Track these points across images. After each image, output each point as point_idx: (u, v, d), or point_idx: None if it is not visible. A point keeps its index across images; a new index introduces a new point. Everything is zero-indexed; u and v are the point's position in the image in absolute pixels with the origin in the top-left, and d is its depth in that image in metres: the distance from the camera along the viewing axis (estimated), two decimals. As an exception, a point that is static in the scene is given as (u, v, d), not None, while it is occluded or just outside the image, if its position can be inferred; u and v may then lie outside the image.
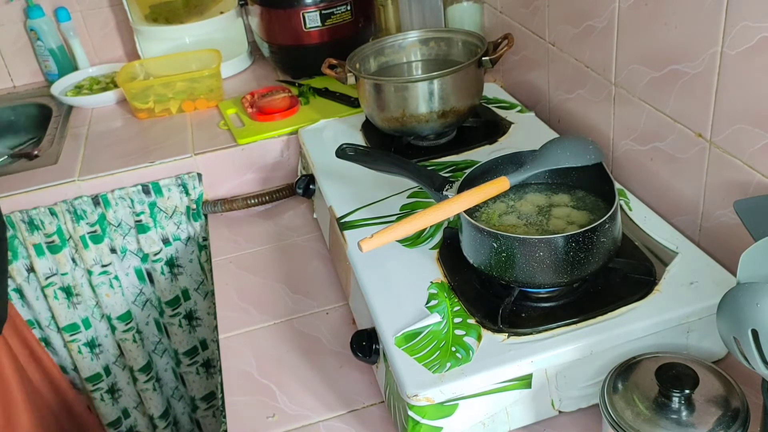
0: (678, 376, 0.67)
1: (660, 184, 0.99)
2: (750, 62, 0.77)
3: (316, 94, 1.52)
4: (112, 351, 1.51)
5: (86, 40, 1.86)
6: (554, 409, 0.80)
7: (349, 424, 0.86)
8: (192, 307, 1.51)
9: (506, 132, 1.23)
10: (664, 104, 0.94)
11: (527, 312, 0.82)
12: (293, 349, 0.99)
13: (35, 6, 1.78)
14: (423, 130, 1.21)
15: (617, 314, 0.79)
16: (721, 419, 0.65)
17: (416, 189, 1.07)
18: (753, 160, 0.80)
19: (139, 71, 1.65)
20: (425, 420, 0.75)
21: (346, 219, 1.04)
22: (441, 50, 1.32)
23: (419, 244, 0.96)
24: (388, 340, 0.80)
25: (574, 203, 0.90)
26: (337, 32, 1.55)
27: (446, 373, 0.75)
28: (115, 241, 1.40)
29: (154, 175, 1.36)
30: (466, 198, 0.84)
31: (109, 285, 1.42)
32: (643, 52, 0.95)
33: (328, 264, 1.16)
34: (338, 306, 1.07)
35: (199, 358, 1.57)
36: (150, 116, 1.55)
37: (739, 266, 0.61)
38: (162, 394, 1.60)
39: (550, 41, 1.22)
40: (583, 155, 0.89)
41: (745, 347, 0.59)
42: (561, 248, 0.78)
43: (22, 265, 1.37)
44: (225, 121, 1.47)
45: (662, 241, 0.90)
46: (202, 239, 1.43)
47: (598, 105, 1.10)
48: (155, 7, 1.83)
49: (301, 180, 1.27)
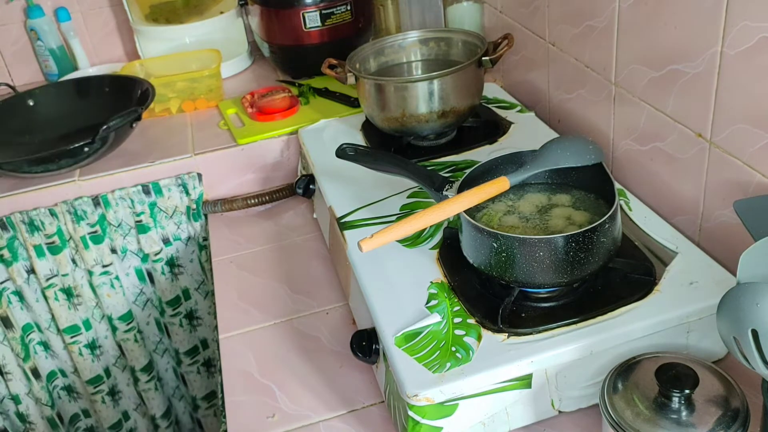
0: (678, 376, 0.67)
1: (660, 184, 0.99)
2: (750, 62, 0.77)
3: (316, 94, 1.52)
4: (113, 352, 1.51)
5: (86, 40, 1.86)
6: (554, 409, 0.81)
7: (349, 424, 0.86)
8: (192, 307, 1.51)
9: (506, 132, 1.23)
10: (664, 104, 0.94)
11: (527, 312, 0.82)
12: (293, 349, 0.99)
13: (35, 6, 1.78)
14: (423, 130, 1.21)
15: (617, 314, 0.79)
16: (721, 419, 0.65)
17: (416, 189, 1.07)
18: (753, 160, 0.80)
19: (139, 71, 1.65)
20: (425, 420, 0.75)
21: (346, 219, 1.04)
22: (441, 50, 1.32)
23: (419, 244, 0.96)
24: (388, 340, 0.80)
25: (574, 203, 0.90)
26: (337, 32, 1.55)
27: (446, 373, 0.75)
28: (115, 242, 1.40)
29: (154, 175, 1.36)
30: (466, 198, 0.84)
31: (110, 285, 1.42)
32: (643, 52, 0.95)
33: (328, 264, 1.16)
34: (338, 306, 1.07)
35: (200, 358, 1.57)
36: (150, 116, 1.55)
37: (739, 266, 0.61)
38: (163, 394, 1.60)
39: (550, 41, 1.22)
40: (583, 155, 0.89)
41: (745, 347, 0.59)
42: (561, 248, 0.78)
43: (22, 267, 1.37)
44: (225, 121, 1.47)
45: (662, 241, 0.90)
46: (202, 239, 1.43)
47: (598, 105, 1.10)
48: (155, 7, 1.83)
49: (301, 180, 1.27)
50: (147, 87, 1.44)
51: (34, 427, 1.49)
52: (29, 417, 1.48)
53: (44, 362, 1.48)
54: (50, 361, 1.49)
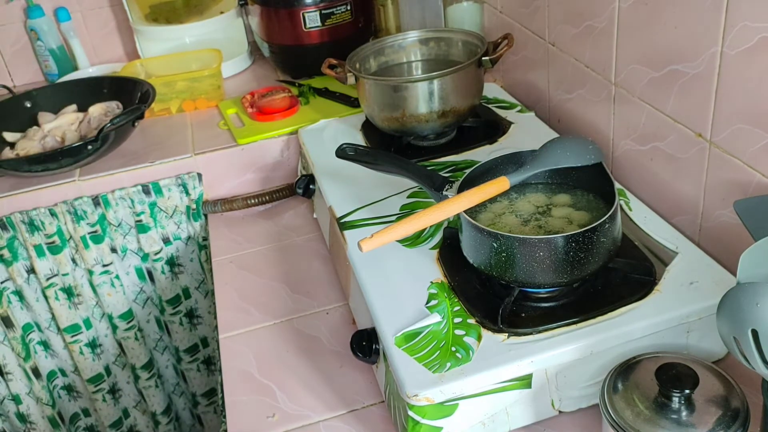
0: (678, 376, 0.67)
1: (660, 184, 0.99)
2: (750, 62, 0.77)
3: (316, 94, 1.52)
4: (113, 350, 1.51)
5: (86, 40, 1.86)
6: (554, 409, 0.81)
7: (349, 423, 0.86)
8: (193, 306, 1.52)
9: (506, 132, 1.23)
10: (664, 104, 0.94)
11: (527, 312, 0.82)
12: (293, 349, 0.99)
13: (35, 6, 1.78)
14: (423, 130, 1.21)
15: (617, 314, 0.79)
16: (721, 419, 0.65)
17: (416, 189, 1.07)
18: (753, 160, 0.80)
19: (139, 71, 1.65)
20: (425, 420, 0.75)
21: (346, 219, 1.04)
22: (441, 50, 1.32)
23: (419, 244, 0.96)
24: (388, 340, 0.80)
25: (574, 203, 0.91)
26: (337, 32, 1.55)
27: (446, 373, 0.75)
28: (115, 241, 1.40)
29: (154, 175, 1.36)
30: (466, 198, 0.84)
31: (110, 284, 1.42)
32: (643, 52, 0.95)
33: (328, 264, 1.16)
34: (338, 306, 1.07)
35: (200, 356, 1.57)
36: (150, 116, 1.55)
37: (739, 266, 0.61)
38: (163, 391, 1.60)
39: (550, 41, 1.22)
40: (583, 155, 0.89)
41: (745, 347, 0.59)
42: (561, 248, 0.78)
43: (22, 266, 1.37)
44: (225, 121, 1.47)
45: (662, 241, 0.90)
46: (202, 239, 1.43)
47: (598, 105, 1.10)
48: (155, 7, 1.83)
49: (301, 180, 1.27)
50: (147, 88, 1.44)
51: (35, 426, 1.50)
52: (30, 417, 1.48)
53: (45, 362, 1.48)
54: (50, 361, 1.49)
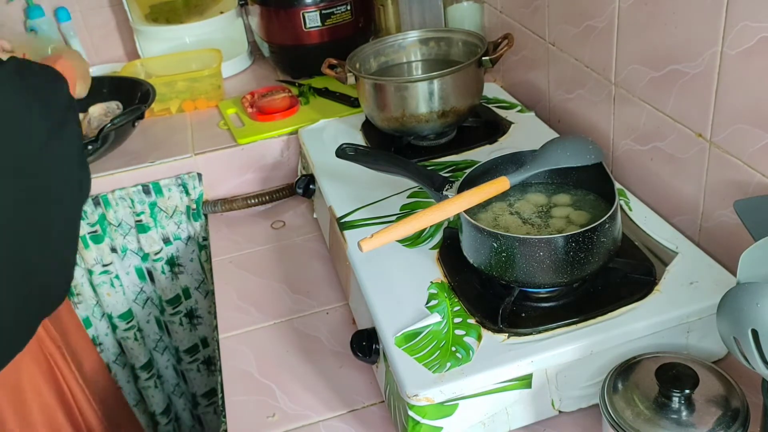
0: (678, 376, 0.67)
1: (660, 184, 0.99)
2: (750, 62, 0.77)
3: (316, 94, 1.52)
4: (113, 350, 1.51)
5: (86, 40, 1.86)
6: (554, 409, 0.81)
7: (349, 423, 0.86)
8: (192, 306, 1.52)
9: (506, 132, 1.23)
10: (664, 104, 0.94)
11: (527, 312, 0.82)
12: (293, 349, 0.99)
13: (35, 6, 1.77)
14: (423, 130, 1.21)
15: (617, 314, 0.79)
16: (721, 419, 0.65)
17: (416, 189, 1.07)
18: (753, 160, 0.80)
19: (139, 71, 1.65)
20: (425, 420, 0.75)
21: (346, 219, 1.04)
22: (441, 50, 1.32)
23: (419, 244, 0.96)
24: (388, 340, 0.80)
25: (574, 203, 0.91)
26: (337, 32, 1.55)
27: (446, 373, 0.75)
28: (115, 241, 1.40)
29: (154, 175, 1.36)
30: (466, 198, 0.84)
31: (110, 284, 1.42)
32: (643, 52, 0.95)
33: (328, 264, 1.16)
34: (338, 306, 1.07)
35: (200, 356, 1.57)
36: (150, 116, 1.55)
37: (739, 266, 0.61)
38: (163, 391, 1.60)
39: (550, 41, 1.22)
40: (583, 155, 0.89)
41: (745, 347, 0.59)
42: (561, 248, 0.78)
43: (23, 265, 1.37)
44: (225, 121, 1.47)
45: (662, 241, 0.90)
46: (202, 239, 1.43)
47: (598, 105, 1.10)
48: (155, 7, 1.83)
49: (301, 180, 1.27)
50: (147, 88, 1.44)
51: (34, 426, 1.49)
52: (29, 416, 1.48)
53: (44, 362, 1.48)
54: (50, 361, 1.49)
